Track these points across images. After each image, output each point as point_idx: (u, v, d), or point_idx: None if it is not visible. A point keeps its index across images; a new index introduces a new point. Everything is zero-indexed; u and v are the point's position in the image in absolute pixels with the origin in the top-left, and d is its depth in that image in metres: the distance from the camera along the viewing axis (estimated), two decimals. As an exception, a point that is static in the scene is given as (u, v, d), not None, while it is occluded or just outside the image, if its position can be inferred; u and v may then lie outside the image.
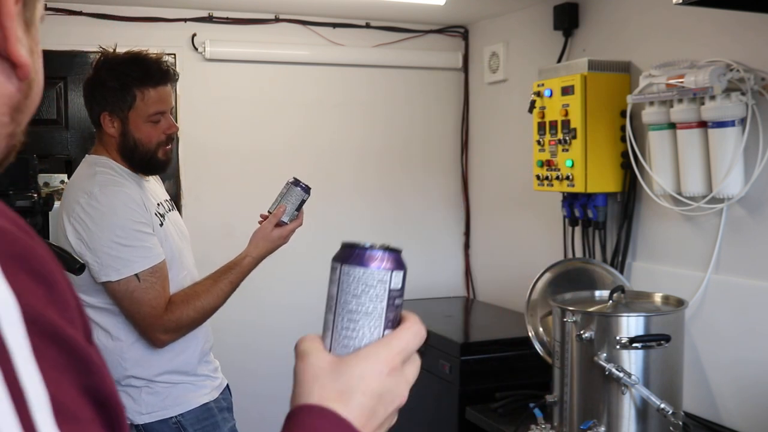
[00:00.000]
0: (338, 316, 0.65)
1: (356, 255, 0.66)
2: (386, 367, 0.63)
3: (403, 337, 0.65)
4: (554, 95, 2.61)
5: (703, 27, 2.28)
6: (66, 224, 1.94)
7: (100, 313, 1.99)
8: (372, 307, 0.65)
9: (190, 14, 3.20)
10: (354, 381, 0.62)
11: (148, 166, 2.05)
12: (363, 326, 0.65)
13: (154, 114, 2.00)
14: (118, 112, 1.99)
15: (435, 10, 3.23)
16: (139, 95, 1.98)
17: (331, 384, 0.62)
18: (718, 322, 2.25)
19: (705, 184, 2.20)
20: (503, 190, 3.42)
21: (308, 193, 2.08)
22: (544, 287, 2.42)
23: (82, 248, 1.91)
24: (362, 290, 0.65)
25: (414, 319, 0.67)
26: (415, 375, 0.67)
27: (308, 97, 3.45)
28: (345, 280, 0.65)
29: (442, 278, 3.71)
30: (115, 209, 1.91)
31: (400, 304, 0.67)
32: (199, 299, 1.98)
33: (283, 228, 2.07)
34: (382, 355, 0.63)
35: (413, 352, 0.66)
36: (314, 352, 0.65)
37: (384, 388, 0.63)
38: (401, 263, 0.67)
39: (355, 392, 0.61)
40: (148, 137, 2.00)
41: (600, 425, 1.97)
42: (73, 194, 1.96)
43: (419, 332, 0.66)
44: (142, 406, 1.99)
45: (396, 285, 0.66)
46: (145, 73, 1.99)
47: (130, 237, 1.91)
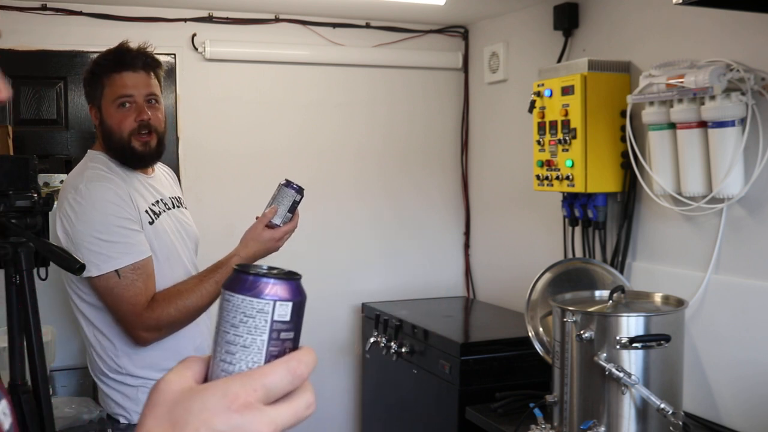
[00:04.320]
0: (218, 345, 0.59)
1: (237, 280, 0.59)
2: (235, 403, 0.55)
3: (268, 372, 0.57)
4: (554, 95, 2.62)
5: (703, 27, 2.28)
6: (57, 219, 1.95)
7: (95, 310, 1.99)
8: (250, 339, 0.57)
9: (190, 14, 3.20)
10: (190, 414, 0.55)
11: (124, 157, 2.03)
12: (239, 360, 0.58)
13: (119, 97, 1.99)
14: (95, 102, 2.04)
15: (435, 10, 3.23)
16: (106, 81, 2.01)
17: (167, 414, 0.56)
18: (718, 322, 2.25)
19: (705, 184, 2.20)
20: (503, 190, 3.42)
21: (301, 194, 2.00)
22: (544, 287, 2.42)
23: (68, 243, 1.91)
24: (240, 320, 0.58)
25: (297, 356, 0.58)
26: (291, 417, 0.57)
27: (308, 97, 3.45)
28: (225, 307, 0.59)
29: (442, 278, 3.71)
30: (97, 204, 1.91)
31: (288, 338, 0.59)
32: (182, 298, 1.95)
33: (275, 230, 1.99)
34: (232, 389, 0.55)
35: (283, 389, 0.57)
36: (170, 376, 0.59)
37: (227, 426, 0.54)
38: (292, 293, 0.59)
39: (188, 426, 0.55)
40: (117, 124, 2.00)
41: (600, 425, 1.97)
42: (65, 190, 1.98)
43: (295, 369, 0.57)
44: (139, 405, 1.99)
45: (281, 317, 0.58)
46: (112, 60, 2.01)
47: (110, 232, 1.90)
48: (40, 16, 2.99)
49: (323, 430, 3.55)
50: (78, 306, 2.02)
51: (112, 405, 2.02)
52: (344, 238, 3.55)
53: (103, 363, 2.01)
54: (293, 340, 0.60)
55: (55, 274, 1.96)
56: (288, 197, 2.00)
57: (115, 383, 2.01)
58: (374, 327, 3.17)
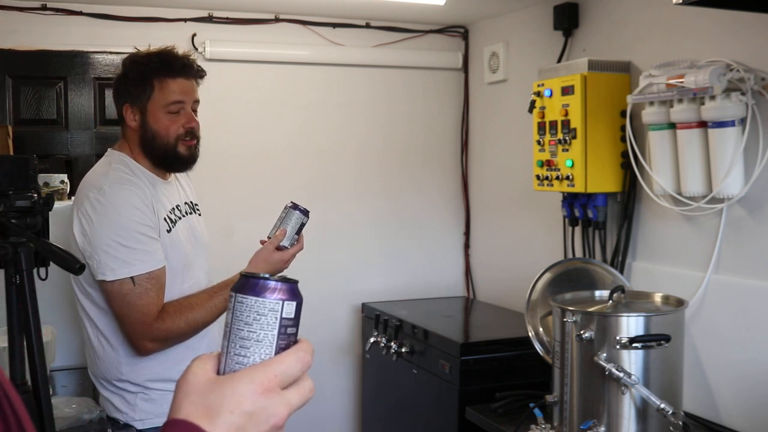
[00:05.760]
0: (231, 342, 0.68)
1: (250, 285, 0.68)
2: (260, 387, 0.64)
3: (283, 360, 0.67)
4: (554, 95, 2.62)
5: (703, 27, 2.28)
6: (74, 217, 1.93)
7: (102, 313, 1.98)
8: (263, 334, 0.67)
9: (190, 14, 3.20)
10: (224, 399, 0.64)
11: (167, 161, 2.03)
12: (253, 353, 0.67)
13: (172, 104, 1.99)
14: (138, 103, 2.00)
15: (435, 10, 3.23)
16: (157, 85, 1.98)
17: (201, 400, 0.64)
18: (718, 322, 2.25)
19: (705, 184, 2.20)
20: (503, 190, 3.42)
21: (307, 216, 2.07)
22: (544, 287, 2.42)
23: (84, 243, 1.90)
24: (254, 318, 0.67)
25: (302, 346, 0.69)
26: (301, 399, 0.67)
27: (308, 97, 3.45)
28: (238, 308, 0.68)
29: (442, 278, 3.71)
30: (120, 208, 1.90)
31: (293, 332, 0.69)
32: (192, 312, 1.95)
33: (284, 252, 2.04)
34: (257, 376, 0.65)
35: (295, 376, 0.67)
36: (195, 368, 0.67)
37: (256, 407, 0.64)
38: (295, 294, 0.69)
39: (223, 409, 0.63)
40: (165, 129, 1.99)
41: (600, 425, 1.97)
42: (85, 188, 1.96)
43: (303, 358, 0.67)
44: (137, 412, 1.98)
45: (288, 314, 0.68)
46: (163, 64, 1.99)
47: (131, 238, 1.89)
48: (40, 16, 2.99)
49: (323, 430, 3.55)
50: (84, 306, 2.00)
51: (111, 409, 2.01)
52: (344, 238, 3.55)
53: (105, 369, 2.00)
54: (295, 335, 0.69)
55: (55, 274, 1.96)
56: (295, 220, 2.05)
57: (116, 389, 2.00)
58: (374, 327, 3.17)
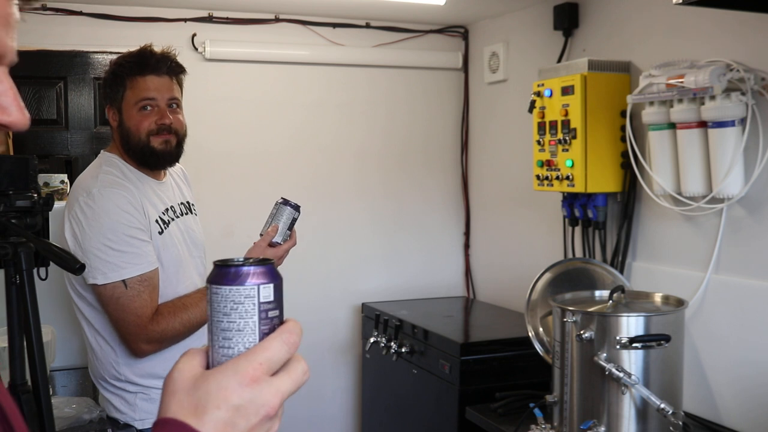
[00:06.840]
0: (214, 335, 0.66)
1: (222, 274, 0.66)
2: (245, 378, 0.62)
3: (267, 347, 0.64)
4: (554, 95, 2.62)
5: (703, 27, 2.28)
6: (65, 221, 1.94)
7: (97, 314, 1.98)
8: (243, 323, 0.65)
9: (190, 14, 3.20)
10: (209, 394, 0.62)
11: (144, 157, 2.03)
12: (237, 343, 0.65)
13: (141, 101, 1.99)
14: (115, 104, 2.03)
15: (435, 10, 3.23)
16: (129, 83, 2.00)
17: (187, 398, 0.63)
18: (718, 322, 2.25)
19: (705, 184, 2.20)
20: (503, 190, 3.42)
21: (298, 212, 2.05)
22: (544, 287, 2.42)
23: (75, 247, 1.90)
24: (231, 308, 0.65)
25: (287, 327, 0.66)
26: (293, 384, 0.65)
27: (308, 97, 3.45)
28: (215, 299, 0.66)
29: (442, 278, 3.71)
30: (110, 212, 1.90)
31: (275, 315, 0.66)
32: (187, 312, 1.95)
33: (277, 248, 2.02)
34: (241, 367, 0.63)
35: (282, 360, 0.65)
36: (180, 365, 0.65)
37: (243, 399, 0.62)
38: (271, 275, 0.66)
39: (209, 405, 0.62)
40: (136, 126, 2.00)
41: (600, 425, 1.97)
42: (75, 192, 1.97)
43: (288, 340, 0.65)
44: (137, 412, 1.98)
45: (266, 298, 0.66)
46: (136, 63, 2.01)
47: (121, 242, 1.89)
48: (40, 16, 2.99)
49: (323, 430, 3.55)
50: (80, 308, 2.01)
51: (111, 409, 2.02)
52: (344, 238, 3.55)
53: (104, 369, 2.00)
54: (279, 317, 0.67)
55: (56, 274, 1.96)
56: (287, 215, 2.03)
57: (115, 389, 2.00)
58: (374, 327, 3.17)
